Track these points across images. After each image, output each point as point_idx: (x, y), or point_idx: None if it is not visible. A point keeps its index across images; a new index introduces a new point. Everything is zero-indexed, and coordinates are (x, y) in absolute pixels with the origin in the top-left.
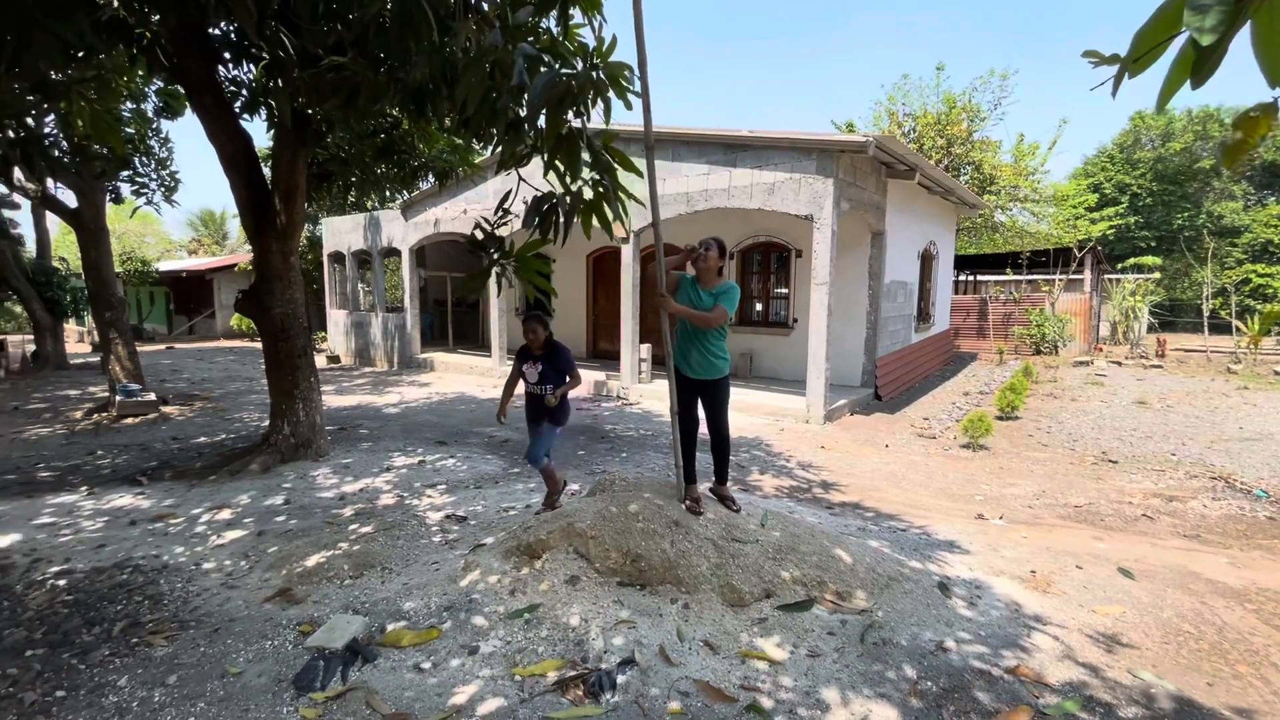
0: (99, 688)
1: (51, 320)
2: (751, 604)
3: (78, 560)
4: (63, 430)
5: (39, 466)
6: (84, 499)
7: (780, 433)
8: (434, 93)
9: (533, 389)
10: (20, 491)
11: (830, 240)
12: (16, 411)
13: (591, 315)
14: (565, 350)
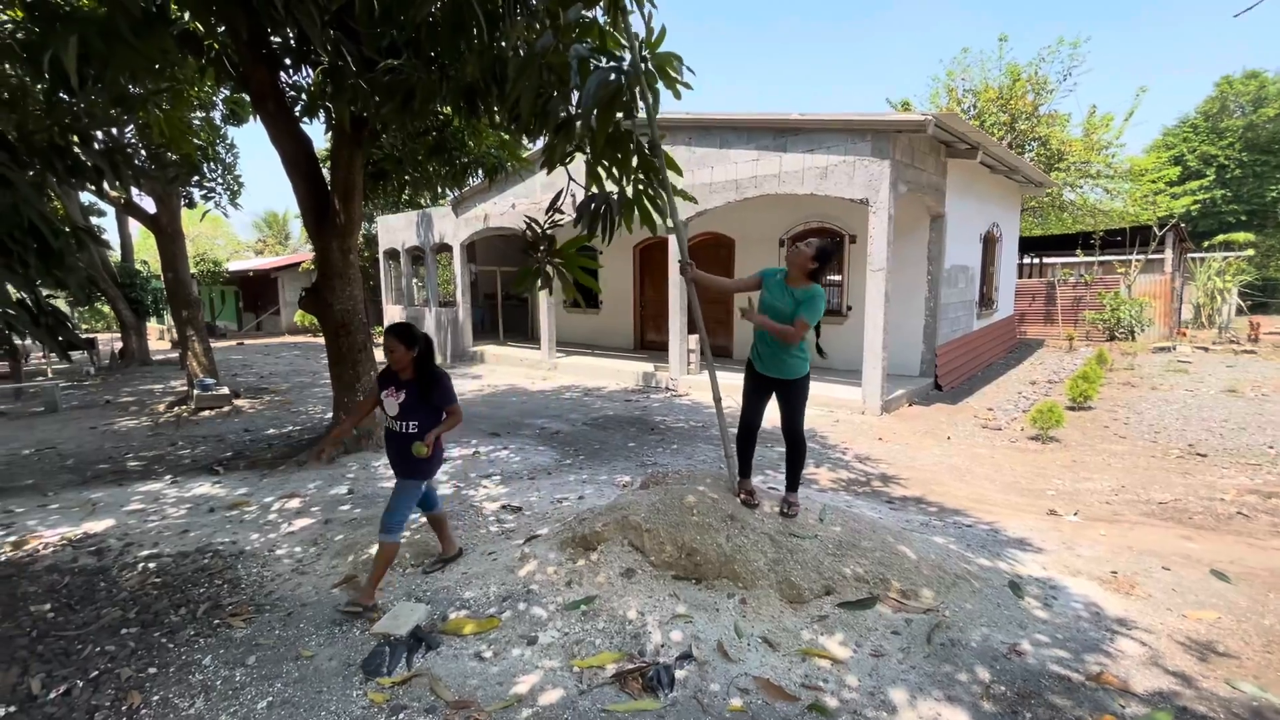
0: (186, 665)
1: (135, 319)
2: (811, 601)
3: (165, 545)
4: (147, 422)
5: (128, 456)
6: (168, 487)
7: (835, 424)
8: (484, 90)
9: (393, 425)
10: (113, 480)
11: (886, 224)
12: (108, 405)
13: (639, 306)
14: (443, 377)
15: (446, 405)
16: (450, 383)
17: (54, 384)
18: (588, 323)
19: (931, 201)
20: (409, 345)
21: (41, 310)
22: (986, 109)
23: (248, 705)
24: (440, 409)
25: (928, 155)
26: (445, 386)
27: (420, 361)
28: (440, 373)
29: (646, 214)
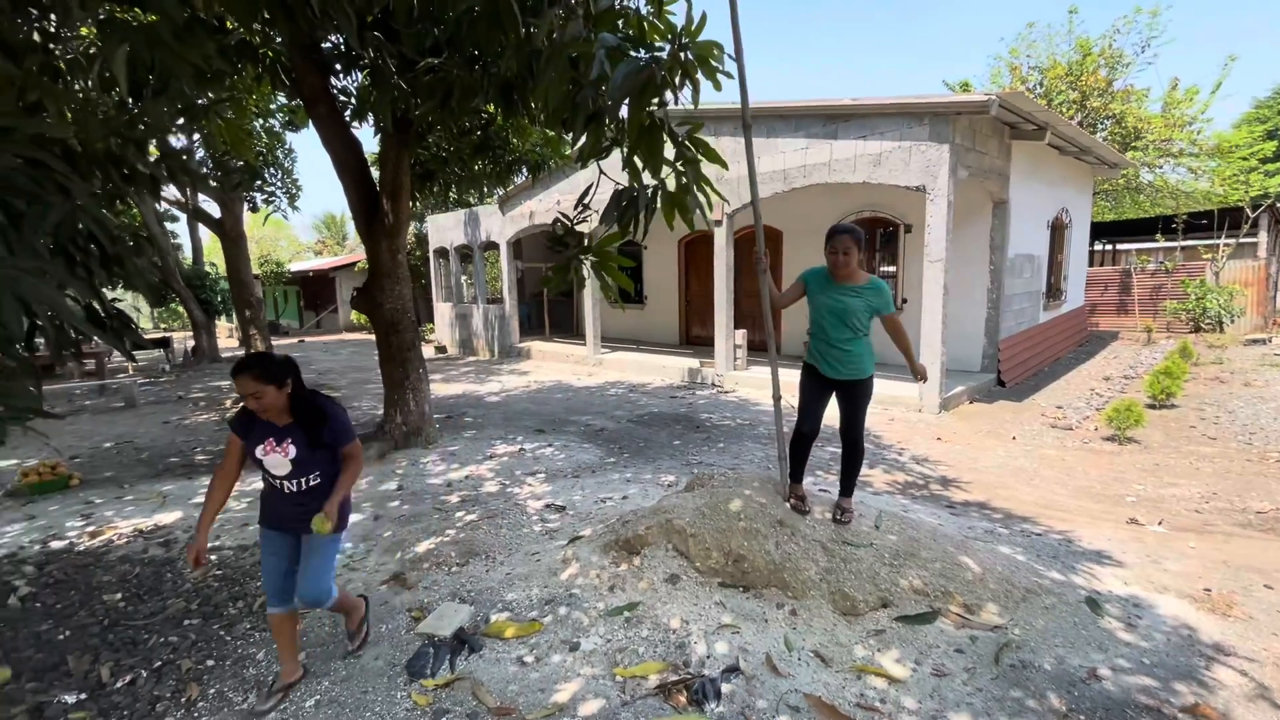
0: (241, 660)
1: (205, 318)
2: (866, 614)
3: (226, 538)
4: (215, 418)
5: (196, 451)
6: None
7: (890, 423)
8: (522, 86)
9: (284, 486)
10: (182, 473)
11: (945, 212)
12: (180, 401)
13: (684, 301)
14: (329, 406)
15: (344, 444)
16: (341, 410)
17: (133, 381)
18: (633, 318)
19: (994, 187)
20: (277, 381)
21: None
22: (1054, 86)
23: (296, 702)
24: (334, 448)
25: (990, 138)
26: (337, 418)
27: (296, 397)
28: (326, 402)
29: (685, 209)
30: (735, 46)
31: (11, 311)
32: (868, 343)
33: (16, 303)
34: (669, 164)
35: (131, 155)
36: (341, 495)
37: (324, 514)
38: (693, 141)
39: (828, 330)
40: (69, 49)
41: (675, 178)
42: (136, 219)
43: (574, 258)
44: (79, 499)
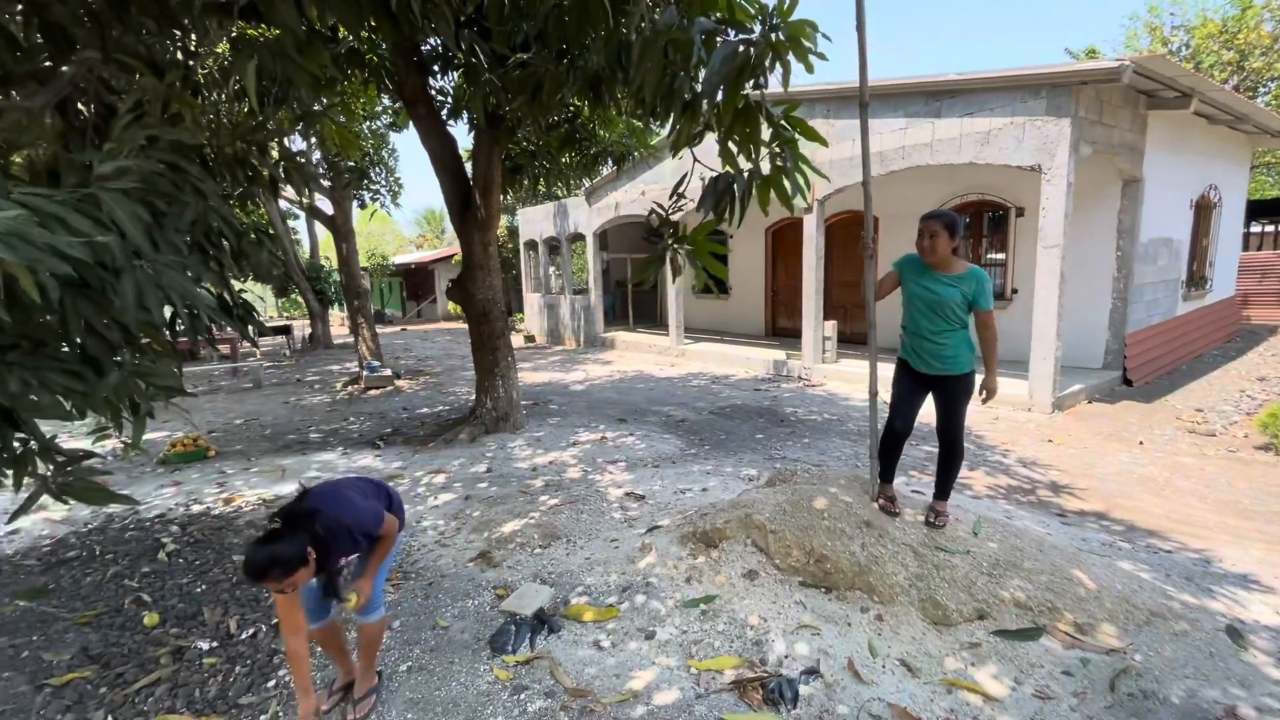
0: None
1: (320, 308)
2: (960, 624)
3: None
4: (327, 399)
5: (310, 429)
6: (339, 457)
7: (994, 422)
8: (609, 77)
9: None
10: (298, 449)
11: (1064, 194)
12: (298, 383)
13: (770, 291)
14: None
15: (377, 530)
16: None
17: (259, 364)
18: (717, 308)
19: (1124, 163)
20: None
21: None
22: (1204, 47)
23: (391, 666)
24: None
25: (1121, 109)
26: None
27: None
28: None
29: (783, 192)
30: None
31: (155, 301)
32: (965, 336)
33: (159, 293)
34: (765, 145)
35: (255, 159)
36: (369, 586)
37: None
38: (790, 121)
39: (920, 322)
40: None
41: (771, 160)
42: (264, 218)
43: (669, 248)
44: (215, 469)
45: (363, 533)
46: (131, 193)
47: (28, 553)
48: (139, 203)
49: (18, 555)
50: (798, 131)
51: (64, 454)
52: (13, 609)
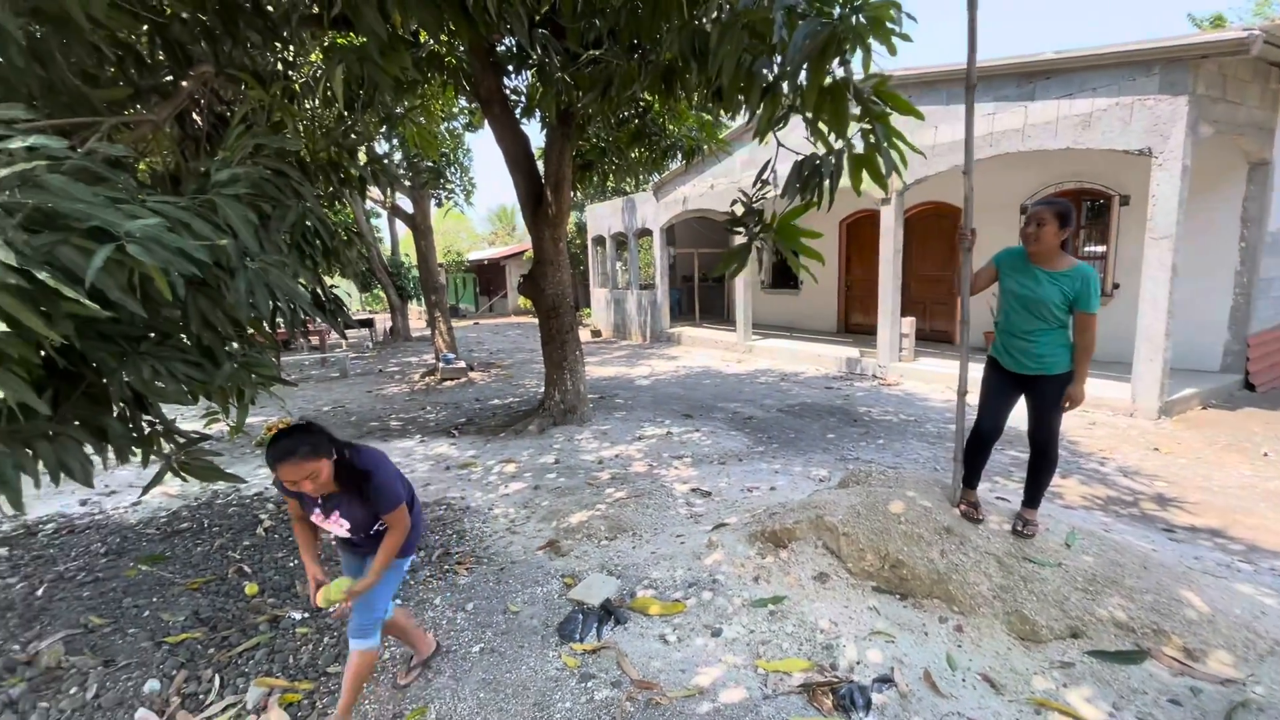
0: (423, 602)
1: (400, 302)
2: (1050, 641)
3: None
4: (405, 389)
5: (391, 417)
6: (417, 445)
7: (1090, 427)
8: (682, 69)
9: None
10: (379, 435)
11: (1179, 179)
12: (380, 374)
13: (843, 286)
14: (375, 471)
15: (384, 510)
16: (385, 465)
17: (345, 355)
18: (785, 304)
19: (1251, 145)
20: (327, 453)
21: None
22: None
23: (465, 647)
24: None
25: (1248, 84)
26: (382, 484)
27: (342, 465)
28: (369, 458)
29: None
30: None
31: (264, 298)
32: (1064, 335)
33: (267, 290)
34: (856, 120)
35: (346, 162)
36: (380, 566)
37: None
38: (880, 95)
39: (1013, 319)
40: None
41: (864, 137)
42: (350, 217)
43: (755, 238)
44: None
45: (375, 497)
46: (243, 197)
47: (148, 523)
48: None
49: (140, 524)
50: (889, 106)
51: (184, 435)
52: (135, 572)
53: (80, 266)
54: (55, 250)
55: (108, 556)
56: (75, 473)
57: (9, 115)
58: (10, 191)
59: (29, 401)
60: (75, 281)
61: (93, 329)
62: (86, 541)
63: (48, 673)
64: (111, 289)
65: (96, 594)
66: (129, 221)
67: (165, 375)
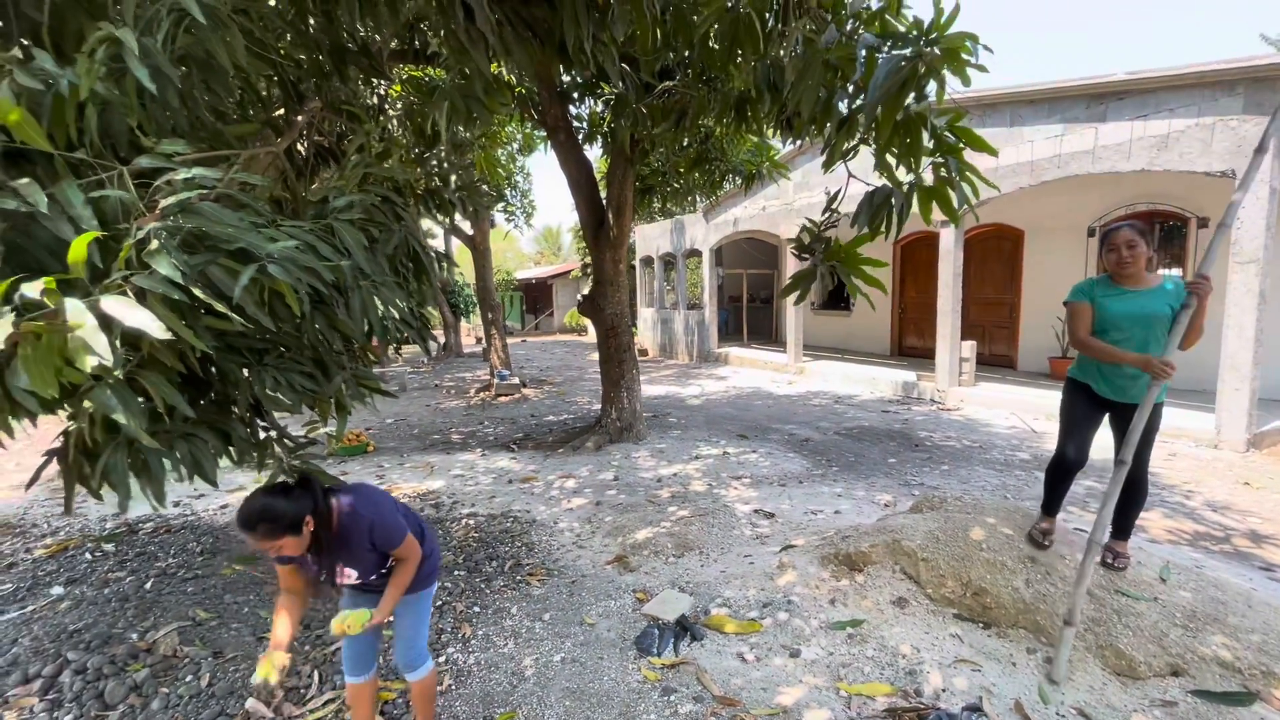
0: (499, 611)
1: (454, 319)
2: (1149, 679)
3: (479, 506)
4: (463, 404)
5: (451, 431)
6: (479, 458)
7: (1170, 458)
8: (755, 99)
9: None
10: (442, 448)
11: (1267, 201)
12: (436, 388)
13: (898, 309)
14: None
15: (394, 548)
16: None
17: (404, 370)
18: (837, 325)
19: None
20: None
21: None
22: None
23: (546, 655)
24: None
25: None
26: (379, 524)
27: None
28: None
29: (948, 203)
30: None
31: (375, 316)
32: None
33: (377, 308)
34: (929, 153)
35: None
36: (394, 598)
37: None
38: (954, 130)
39: (1123, 345)
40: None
41: (934, 170)
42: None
43: (820, 263)
44: (374, 462)
45: (381, 538)
46: (356, 222)
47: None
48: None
49: (229, 526)
50: (963, 142)
51: (294, 441)
52: (231, 571)
53: (225, 284)
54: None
55: (203, 555)
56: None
57: (171, 149)
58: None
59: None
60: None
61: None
62: (183, 541)
63: (165, 660)
64: (249, 304)
65: (199, 590)
66: (269, 244)
67: (284, 385)
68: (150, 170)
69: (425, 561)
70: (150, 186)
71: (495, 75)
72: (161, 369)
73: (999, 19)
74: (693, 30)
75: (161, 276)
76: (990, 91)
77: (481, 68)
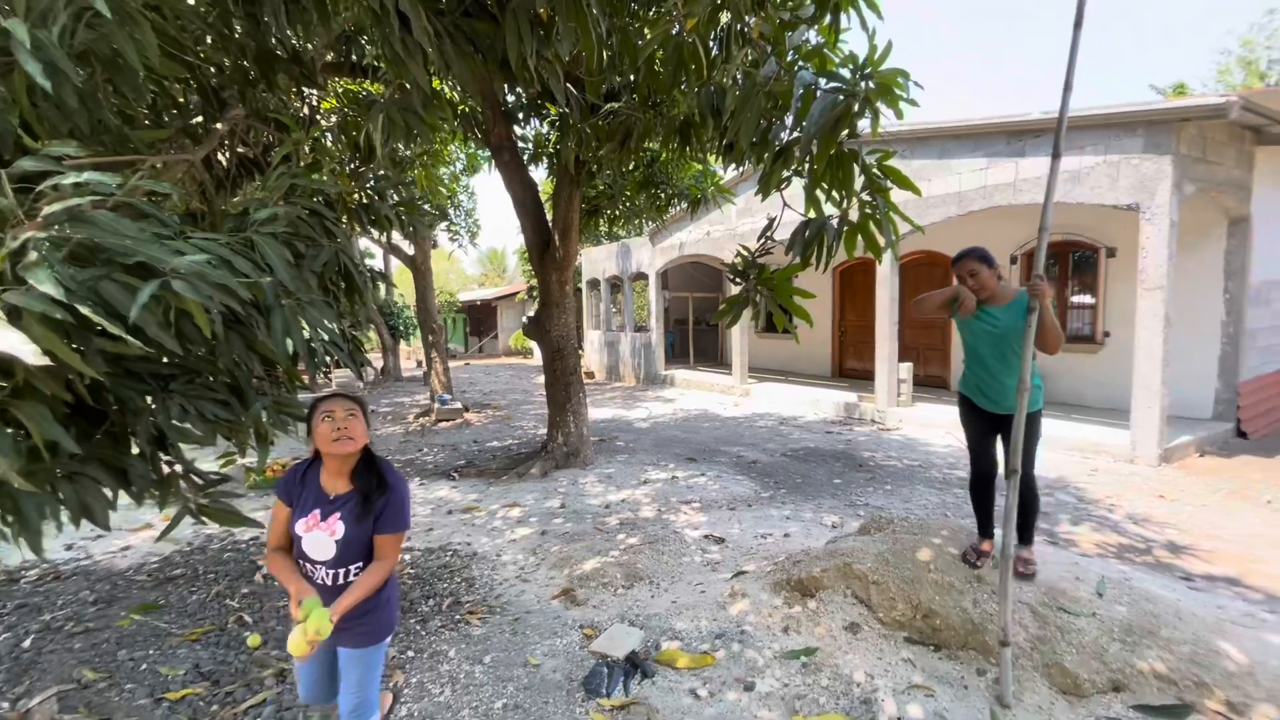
0: (436, 654)
1: (393, 342)
2: (1092, 695)
3: (415, 540)
4: (400, 430)
5: (387, 459)
6: (417, 488)
7: (1092, 474)
8: (699, 124)
9: (323, 573)
10: None
11: (1167, 233)
12: (372, 414)
13: (837, 332)
14: (396, 476)
15: (389, 530)
16: (403, 493)
17: None
18: (780, 348)
19: (1231, 202)
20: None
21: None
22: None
23: (486, 703)
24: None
25: (1225, 145)
26: (398, 500)
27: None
28: (392, 470)
29: (872, 240)
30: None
31: (300, 337)
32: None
33: (302, 330)
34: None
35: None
36: (358, 596)
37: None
38: (883, 169)
39: (987, 360)
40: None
41: (860, 208)
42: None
43: (753, 289)
44: None
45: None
46: (279, 236)
47: (138, 569)
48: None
49: (130, 570)
50: (890, 180)
51: (203, 477)
52: (128, 622)
53: (121, 302)
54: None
55: (97, 605)
56: (96, 515)
57: (60, 151)
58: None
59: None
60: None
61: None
62: (74, 589)
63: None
64: (149, 325)
65: (89, 646)
66: (174, 258)
67: (194, 415)
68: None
69: (386, 607)
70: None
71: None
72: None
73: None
74: (638, 53)
75: (40, 293)
76: (922, 125)
77: (420, 81)
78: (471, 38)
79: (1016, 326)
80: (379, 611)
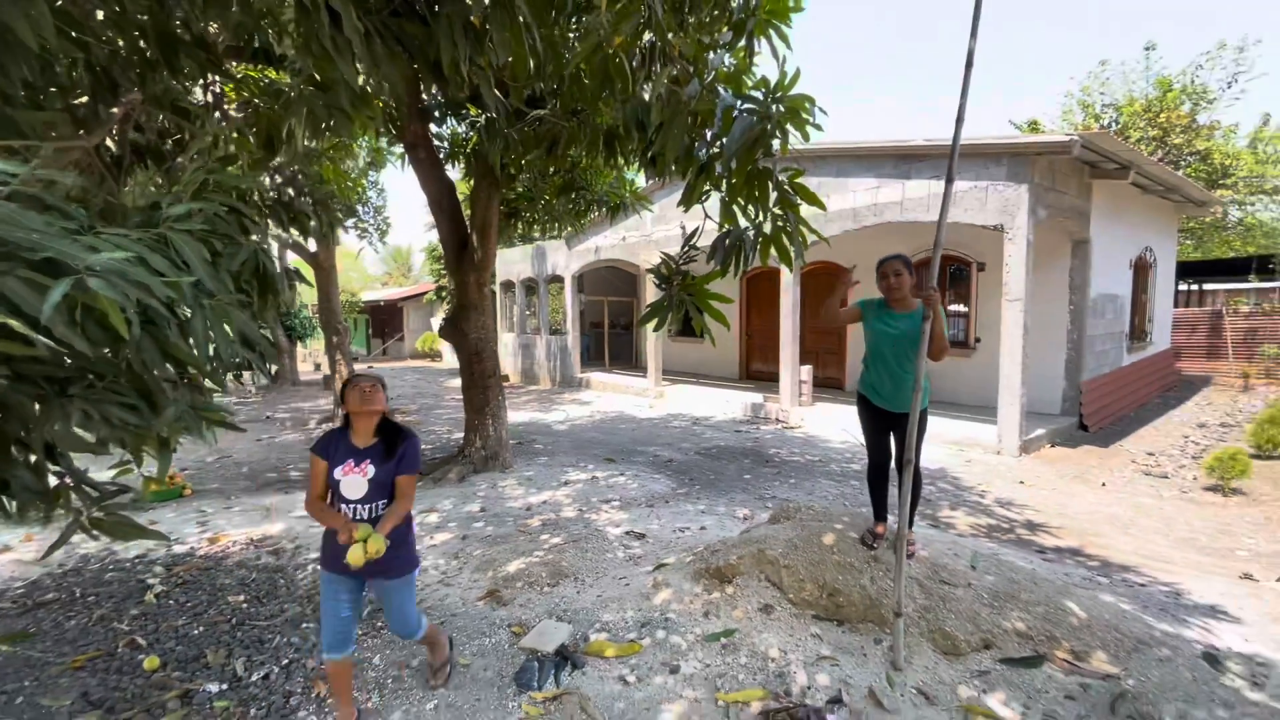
0: (360, 663)
1: (289, 344)
2: (969, 654)
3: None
4: (302, 437)
5: (290, 467)
6: None
7: (967, 464)
8: (624, 135)
9: (356, 509)
10: (280, 487)
11: (1025, 251)
12: (269, 420)
13: (745, 336)
14: (413, 439)
15: (408, 470)
16: (417, 443)
17: (228, 400)
18: (693, 351)
19: (1074, 226)
20: (386, 392)
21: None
22: (1131, 123)
23: (417, 705)
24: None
25: (1070, 177)
26: (415, 448)
27: (388, 422)
28: (410, 433)
29: (784, 250)
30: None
31: (223, 339)
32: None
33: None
34: (768, 209)
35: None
36: (394, 522)
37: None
38: (794, 187)
39: (888, 359)
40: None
41: (773, 220)
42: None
43: (676, 295)
44: (192, 508)
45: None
46: (195, 233)
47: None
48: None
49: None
50: (799, 197)
51: (98, 488)
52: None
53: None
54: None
55: None
56: None
57: None
58: None
59: None
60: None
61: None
62: None
63: None
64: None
65: None
66: (88, 254)
67: (98, 421)
68: None
69: (410, 544)
70: None
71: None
72: None
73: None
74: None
75: None
76: (820, 145)
77: (349, 78)
78: (400, 38)
79: (914, 332)
80: (406, 546)
